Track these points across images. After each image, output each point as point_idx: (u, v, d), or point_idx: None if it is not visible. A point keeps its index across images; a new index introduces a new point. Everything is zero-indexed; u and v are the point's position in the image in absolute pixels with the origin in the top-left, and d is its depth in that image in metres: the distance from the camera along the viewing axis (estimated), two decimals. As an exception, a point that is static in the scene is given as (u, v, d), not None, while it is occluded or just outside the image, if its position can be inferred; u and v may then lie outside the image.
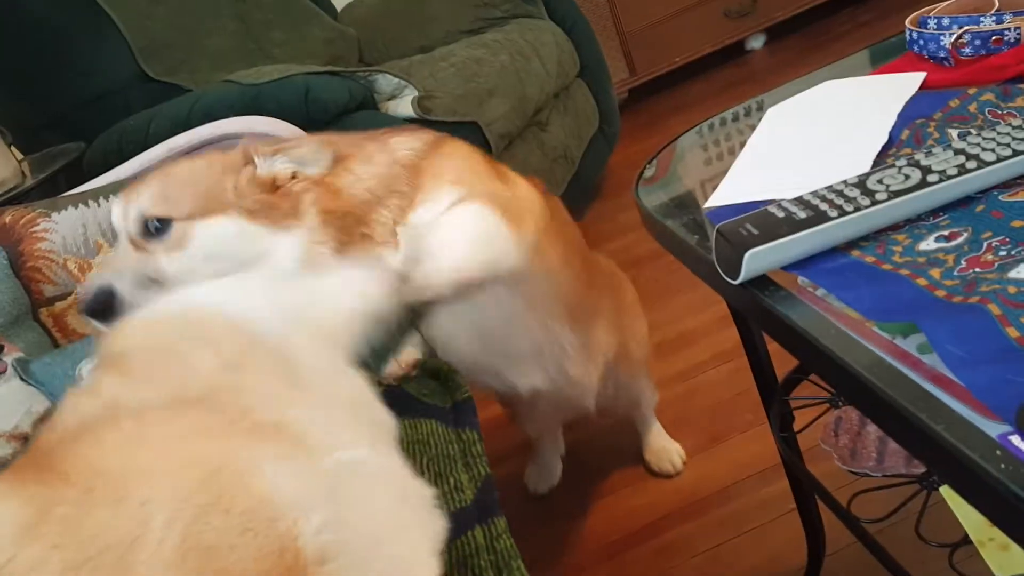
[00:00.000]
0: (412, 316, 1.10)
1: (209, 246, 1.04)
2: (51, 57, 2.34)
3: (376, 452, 0.70)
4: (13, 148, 2.04)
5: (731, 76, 3.81)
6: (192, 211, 1.04)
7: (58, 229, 1.44)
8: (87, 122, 2.27)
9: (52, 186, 1.90)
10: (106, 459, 0.60)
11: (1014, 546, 0.83)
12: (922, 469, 0.97)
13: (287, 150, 1.07)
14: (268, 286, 0.89)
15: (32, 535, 0.54)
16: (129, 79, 2.42)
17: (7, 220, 1.44)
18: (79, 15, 2.39)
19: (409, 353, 1.08)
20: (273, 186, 1.08)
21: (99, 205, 1.49)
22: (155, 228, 1.03)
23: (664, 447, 1.76)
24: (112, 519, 0.55)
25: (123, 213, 1.06)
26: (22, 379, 1.25)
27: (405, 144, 1.17)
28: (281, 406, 0.67)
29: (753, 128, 1.09)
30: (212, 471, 0.58)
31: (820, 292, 0.74)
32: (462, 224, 1.10)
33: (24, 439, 1.20)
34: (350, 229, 1.09)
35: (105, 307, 1.00)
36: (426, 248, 1.06)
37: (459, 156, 1.20)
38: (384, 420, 0.79)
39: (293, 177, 1.08)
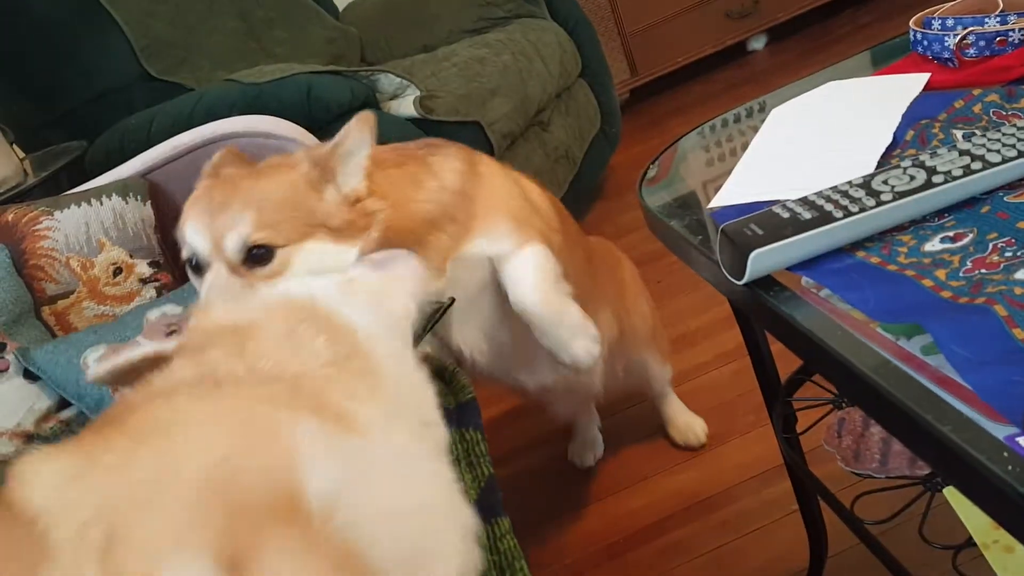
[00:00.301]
0: (426, 322, 1.12)
1: (307, 269, 1.03)
2: (53, 56, 2.34)
3: (419, 450, 0.76)
4: (15, 146, 2.04)
5: (732, 77, 3.80)
6: (291, 237, 1.03)
7: (60, 227, 1.44)
8: (89, 121, 2.27)
9: (54, 185, 1.90)
10: (167, 415, 0.68)
11: (1019, 548, 0.82)
12: (926, 471, 0.97)
13: (347, 158, 1.08)
14: (360, 293, 0.91)
15: (74, 484, 0.62)
16: (131, 78, 2.42)
17: (9, 218, 1.44)
18: (81, 14, 2.39)
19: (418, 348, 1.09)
20: (353, 203, 1.09)
21: (101, 203, 1.49)
22: (258, 256, 1.02)
23: (687, 422, 1.79)
24: (151, 462, 0.63)
25: (218, 238, 1.02)
26: (24, 376, 1.25)
27: (447, 166, 1.22)
28: (353, 403, 0.73)
29: (755, 129, 1.09)
30: (247, 423, 0.66)
31: (824, 293, 0.73)
32: (535, 266, 1.21)
33: (26, 437, 1.20)
34: (405, 246, 1.10)
35: None
36: (511, 283, 1.18)
37: (498, 182, 1.27)
38: (438, 425, 0.84)
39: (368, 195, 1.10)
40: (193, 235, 1.04)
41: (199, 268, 1.05)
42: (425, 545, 0.66)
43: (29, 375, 1.26)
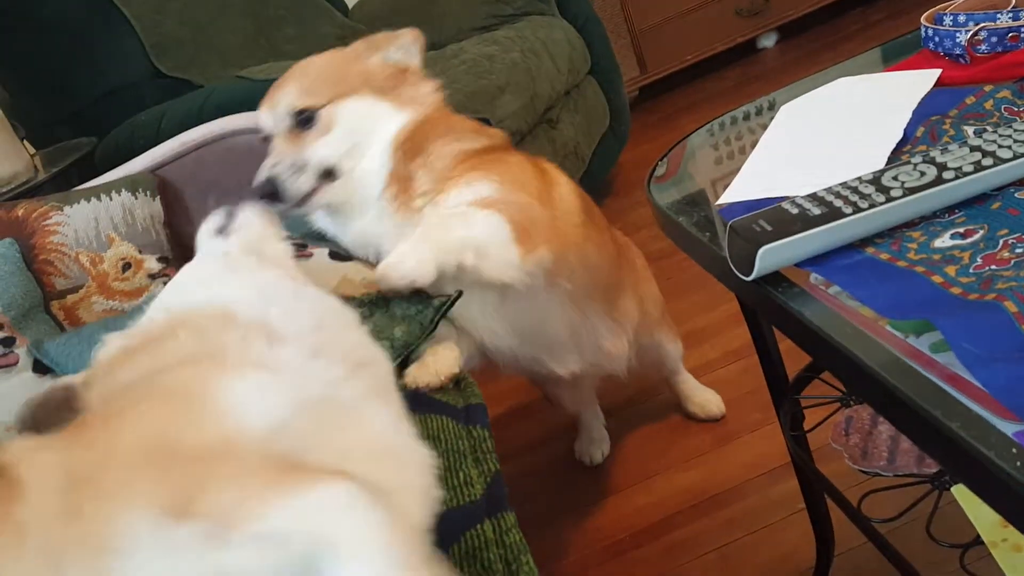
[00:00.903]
0: (434, 315, 1.12)
1: (350, 123, 1.22)
2: (64, 53, 2.35)
3: (354, 387, 0.78)
4: (25, 142, 2.05)
5: (742, 74, 3.79)
6: (332, 97, 1.22)
7: (70, 223, 1.45)
8: (99, 117, 2.28)
9: (64, 180, 1.91)
10: (107, 409, 0.73)
11: (1027, 547, 0.82)
12: (934, 469, 0.97)
13: (396, 40, 1.29)
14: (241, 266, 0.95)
15: (43, 445, 0.70)
16: (141, 75, 2.42)
17: (20, 213, 1.45)
18: (92, 11, 2.40)
19: (449, 367, 1.10)
20: (398, 72, 1.28)
21: (111, 199, 1.49)
22: (305, 119, 1.21)
23: (705, 397, 1.83)
24: (100, 433, 0.69)
25: (272, 114, 1.23)
26: (34, 370, 1.25)
27: (491, 130, 1.36)
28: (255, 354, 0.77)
29: (764, 126, 1.09)
30: (182, 391, 0.71)
31: (832, 290, 0.73)
32: (465, 225, 1.18)
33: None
34: (413, 154, 1.24)
35: (272, 192, 1.19)
36: (413, 235, 1.15)
37: (510, 160, 1.31)
38: (376, 363, 0.87)
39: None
40: (262, 115, 1.25)
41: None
42: (376, 474, 0.67)
43: (39, 369, 1.27)
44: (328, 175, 1.23)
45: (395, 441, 0.77)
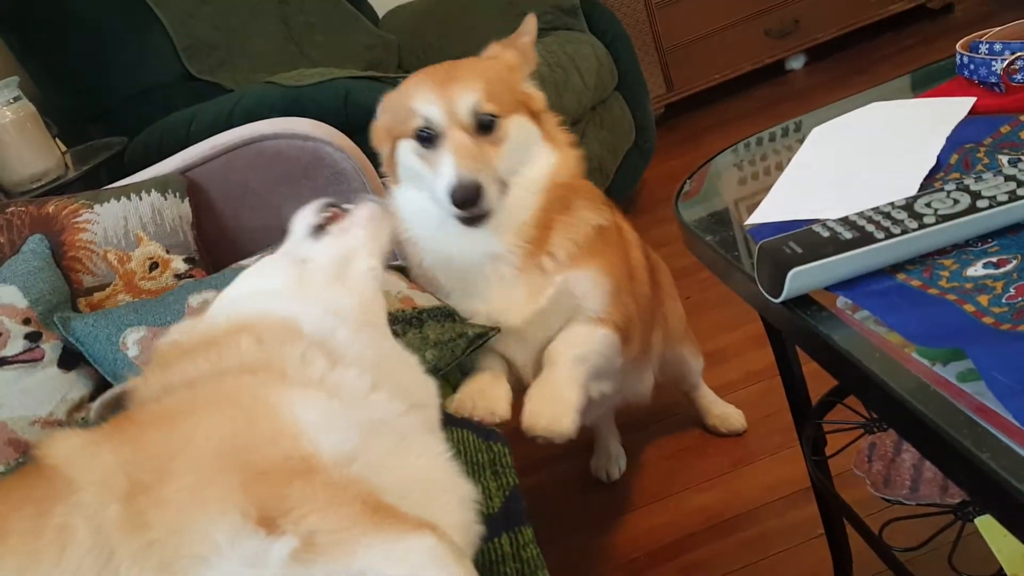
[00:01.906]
0: (467, 346, 1.15)
1: (518, 141, 1.20)
2: (97, 52, 2.38)
3: (409, 422, 0.79)
4: (57, 140, 2.08)
5: (769, 95, 3.78)
6: (507, 109, 1.20)
7: (100, 221, 1.46)
8: (130, 117, 2.31)
9: (94, 179, 1.93)
10: (164, 409, 0.74)
11: (1052, 582, 0.81)
12: (957, 499, 0.96)
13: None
14: (310, 283, 0.93)
15: (93, 445, 0.70)
16: (172, 77, 2.45)
17: (50, 210, 1.47)
18: (126, 12, 2.43)
19: (504, 411, 1.14)
20: (542, 102, 1.27)
21: (140, 199, 1.51)
22: (486, 124, 1.17)
23: (725, 411, 1.82)
24: (162, 438, 0.69)
25: (448, 110, 1.16)
26: (59, 365, 1.26)
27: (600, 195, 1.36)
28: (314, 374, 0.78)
29: (791, 148, 1.08)
30: (240, 406, 0.71)
31: (859, 315, 0.73)
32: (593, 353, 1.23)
33: (58, 426, 1.22)
34: (561, 207, 1.24)
35: (474, 198, 1.11)
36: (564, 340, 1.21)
37: (616, 246, 1.34)
38: (429, 408, 0.89)
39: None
40: (427, 105, 1.17)
41: (430, 139, 1.17)
42: (425, 508, 0.67)
43: (63, 364, 1.28)
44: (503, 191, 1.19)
45: (443, 476, 0.77)
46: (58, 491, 0.66)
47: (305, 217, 0.98)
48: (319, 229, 0.97)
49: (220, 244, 1.65)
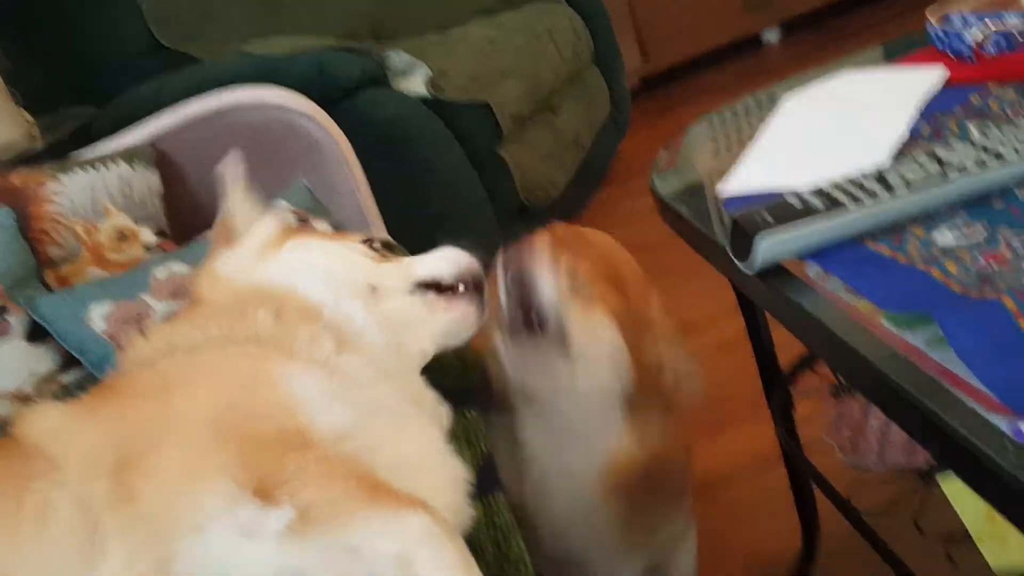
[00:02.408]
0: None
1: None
2: (65, 22, 2.32)
3: (410, 409, 0.79)
4: (23, 110, 2.03)
5: (744, 68, 3.79)
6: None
7: (66, 192, 1.44)
8: (98, 87, 2.26)
9: (61, 150, 1.89)
10: (156, 376, 0.72)
11: (1012, 539, 0.83)
12: (922, 463, 0.98)
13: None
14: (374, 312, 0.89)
15: (76, 421, 0.68)
16: (142, 47, 2.41)
17: (16, 181, 1.44)
18: (94, -20, 2.38)
19: None
20: None
21: (108, 170, 1.48)
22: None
23: None
24: (153, 409, 0.67)
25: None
26: (27, 339, 1.24)
27: None
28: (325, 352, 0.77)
29: (764, 120, 1.09)
30: (240, 376, 0.70)
31: (829, 284, 0.73)
32: None
33: (26, 400, 1.20)
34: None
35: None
36: None
37: None
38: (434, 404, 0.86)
39: None
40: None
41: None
42: (416, 488, 0.67)
43: (31, 337, 1.26)
44: None
45: (436, 458, 0.77)
46: (38, 468, 0.65)
47: (441, 266, 0.92)
48: (431, 285, 0.91)
49: (190, 216, 1.63)
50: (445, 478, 0.76)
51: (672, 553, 1.27)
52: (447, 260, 0.93)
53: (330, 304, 0.83)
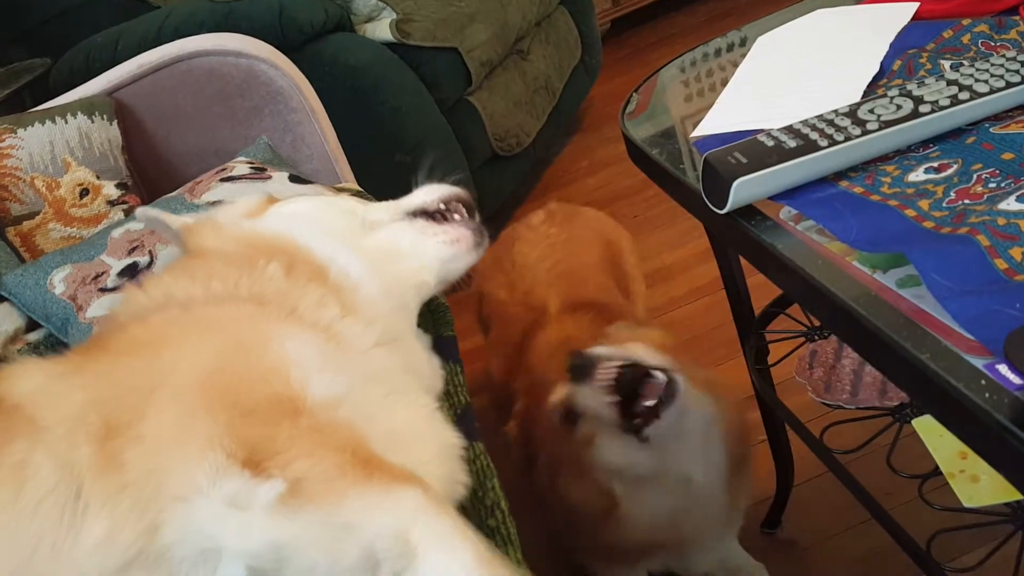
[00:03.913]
0: None
1: None
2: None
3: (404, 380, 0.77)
4: (-26, 63, 1.97)
5: (715, 9, 3.74)
6: None
7: (24, 146, 1.40)
8: (53, 38, 2.19)
9: (17, 103, 1.84)
10: (147, 333, 0.70)
11: (984, 477, 0.84)
12: (896, 402, 0.99)
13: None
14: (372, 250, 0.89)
15: (61, 381, 0.65)
16: (95, -7, 2.32)
17: (-30, 136, 1.39)
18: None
19: None
20: None
21: (66, 122, 1.44)
22: None
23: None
24: (142, 369, 0.65)
25: None
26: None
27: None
28: (326, 316, 0.75)
29: (735, 62, 1.07)
30: (232, 336, 0.68)
31: (802, 225, 0.73)
32: None
33: (-7, 360, 1.18)
34: None
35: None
36: None
37: None
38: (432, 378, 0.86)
39: None
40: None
41: None
42: (409, 458, 0.66)
43: (-6, 297, 1.24)
44: None
45: (429, 428, 0.76)
46: (18, 429, 0.62)
47: (425, 195, 0.93)
48: (420, 214, 0.92)
49: (153, 168, 1.60)
50: (438, 447, 0.74)
51: None
52: (430, 190, 0.93)
53: (331, 257, 0.82)
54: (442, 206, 0.93)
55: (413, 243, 0.89)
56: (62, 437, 0.61)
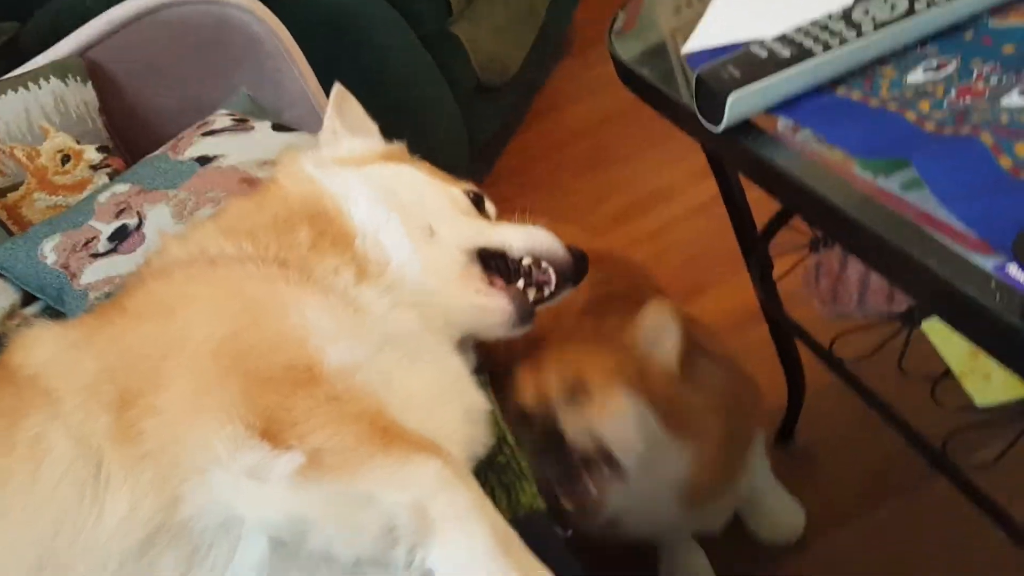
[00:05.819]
0: None
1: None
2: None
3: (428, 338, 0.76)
4: (-60, 32, 1.91)
5: (696, -83, 3.63)
6: None
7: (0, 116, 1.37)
8: (19, 1, 2.13)
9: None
10: (167, 291, 0.70)
11: (995, 376, 0.84)
12: (903, 307, 0.98)
13: None
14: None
15: (75, 349, 0.65)
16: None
17: (-57, 109, 1.36)
18: None
19: None
20: None
21: (39, 87, 1.41)
22: None
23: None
24: (155, 334, 0.64)
25: None
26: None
27: None
28: (345, 282, 0.74)
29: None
30: (251, 301, 0.67)
31: (799, 136, 0.71)
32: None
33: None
34: None
35: None
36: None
37: None
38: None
39: None
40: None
41: None
42: (429, 421, 0.66)
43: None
44: None
45: (451, 389, 0.74)
46: (31, 401, 0.62)
47: (516, 239, 0.85)
48: (494, 255, 0.84)
49: (133, 128, 1.56)
50: (463, 410, 0.73)
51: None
52: (526, 235, 0.84)
53: (371, 231, 0.79)
54: (527, 260, 0.82)
55: (451, 285, 0.80)
56: (77, 407, 0.60)
